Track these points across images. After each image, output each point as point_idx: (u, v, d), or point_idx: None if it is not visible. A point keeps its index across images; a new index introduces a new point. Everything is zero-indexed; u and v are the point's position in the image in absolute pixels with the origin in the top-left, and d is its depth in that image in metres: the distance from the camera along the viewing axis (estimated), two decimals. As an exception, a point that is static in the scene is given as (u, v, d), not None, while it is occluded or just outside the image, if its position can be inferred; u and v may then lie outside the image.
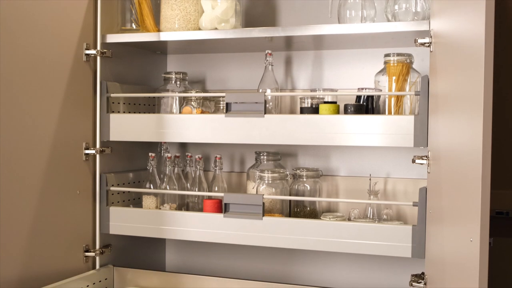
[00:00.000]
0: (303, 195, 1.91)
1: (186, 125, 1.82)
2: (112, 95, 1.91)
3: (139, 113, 2.06)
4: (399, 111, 1.72)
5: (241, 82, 2.17)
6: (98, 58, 1.89)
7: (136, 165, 2.10)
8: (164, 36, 1.88)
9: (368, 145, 1.65)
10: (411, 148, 1.65)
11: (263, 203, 1.74)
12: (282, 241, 1.73)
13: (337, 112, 1.76)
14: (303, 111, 1.89)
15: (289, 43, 1.95)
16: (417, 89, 1.70)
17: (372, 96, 1.79)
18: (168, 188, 1.96)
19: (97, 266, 1.92)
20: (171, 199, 1.98)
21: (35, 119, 1.69)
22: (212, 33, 1.84)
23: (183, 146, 2.23)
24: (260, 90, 1.91)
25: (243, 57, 2.17)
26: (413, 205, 1.62)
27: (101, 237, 1.92)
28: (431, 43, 1.53)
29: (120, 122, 1.89)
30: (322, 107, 1.76)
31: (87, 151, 1.87)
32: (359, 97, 1.81)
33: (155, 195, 1.96)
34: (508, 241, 2.07)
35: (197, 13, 1.88)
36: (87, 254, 1.88)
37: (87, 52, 1.86)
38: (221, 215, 1.78)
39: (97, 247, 1.91)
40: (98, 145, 1.90)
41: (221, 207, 1.84)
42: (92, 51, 1.86)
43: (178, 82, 2.03)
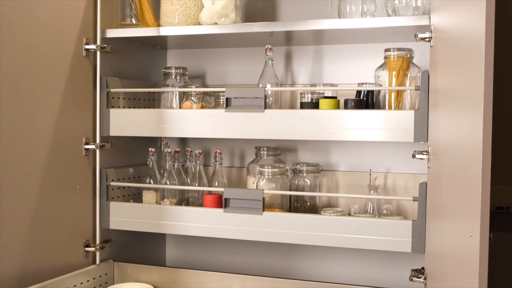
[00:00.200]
0: (303, 190, 1.91)
1: (186, 120, 1.82)
2: (112, 90, 1.91)
3: (139, 108, 2.06)
4: (399, 106, 1.72)
5: (241, 77, 2.17)
6: (98, 53, 1.89)
7: (136, 160, 2.10)
8: (164, 31, 1.87)
9: (368, 140, 1.65)
10: (411, 143, 1.65)
11: (263, 198, 1.75)
12: (282, 236, 1.73)
13: (337, 107, 1.76)
14: (303, 106, 1.89)
15: (289, 38, 1.95)
16: (417, 84, 1.69)
17: (372, 91, 1.78)
18: (168, 183, 1.96)
19: (97, 261, 1.92)
20: (171, 194, 1.98)
21: (35, 114, 1.69)
22: (212, 28, 1.83)
23: (183, 141, 2.23)
24: (260, 85, 1.90)
25: (243, 52, 2.16)
26: (413, 200, 1.62)
27: (101, 232, 1.92)
28: (431, 38, 1.53)
29: (120, 117, 1.89)
30: (322, 102, 1.76)
31: (87, 146, 1.87)
32: (359, 92, 1.80)
33: (155, 190, 1.96)
34: (508, 236, 2.07)
35: (197, 8, 1.87)
36: (87, 249, 1.88)
37: (87, 47, 1.86)
38: (221, 210, 1.78)
39: (97, 242, 1.91)
40: (98, 140, 1.90)
41: (221, 202, 1.85)
42: (92, 46, 1.86)
43: (178, 77, 2.03)
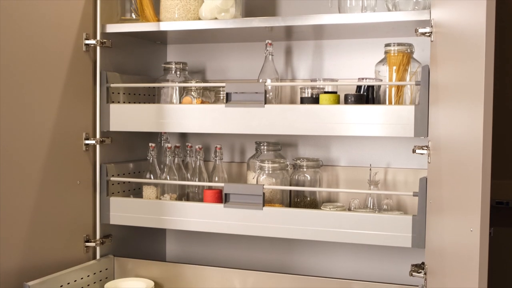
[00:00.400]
0: (303, 185, 1.91)
1: (186, 115, 1.82)
2: (112, 85, 1.90)
3: (139, 103, 2.06)
4: (399, 101, 1.72)
5: (241, 72, 2.17)
6: (98, 48, 1.89)
7: (136, 155, 2.10)
8: (164, 26, 1.87)
9: (369, 135, 1.65)
10: (411, 138, 1.65)
11: (263, 193, 1.75)
12: (283, 231, 1.73)
13: (338, 102, 1.76)
14: (303, 101, 1.89)
15: (289, 33, 1.95)
16: (417, 79, 1.69)
17: (373, 86, 1.78)
18: (168, 178, 1.96)
19: (98, 256, 1.92)
20: (171, 189, 1.99)
21: (35, 109, 1.69)
22: (212, 23, 1.83)
23: (183, 136, 2.23)
24: (260, 80, 1.90)
25: (243, 47, 2.16)
26: (413, 195, 1.62)
27: (101, 227, 1.92)
28: (431, 32, 1.53)
29: (120, 112, 1.89)
30: (323, 97, 1.76)
31: (87, 142, 1.87)
32: (359, 87, 1.80)
33: (155, 185, 1.96)
34: (508, 231, 2.08)
35: (197, 2, 1.87)
36: (87, 244, 1.88)
37: (87, 42, 1.85)
38: (221, 205, 1.79)
39: (98, 237, 1.91)
40: (98, 136, 1.90)
41: (221, 197, 1.85)
42: (92, 41, 1.86)
43: (178, 72, 2.02)
